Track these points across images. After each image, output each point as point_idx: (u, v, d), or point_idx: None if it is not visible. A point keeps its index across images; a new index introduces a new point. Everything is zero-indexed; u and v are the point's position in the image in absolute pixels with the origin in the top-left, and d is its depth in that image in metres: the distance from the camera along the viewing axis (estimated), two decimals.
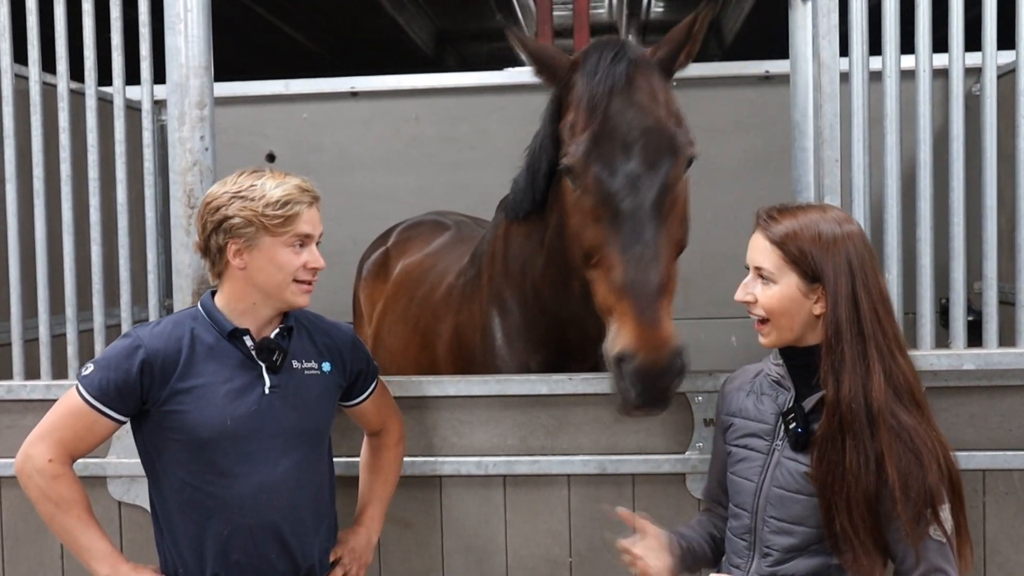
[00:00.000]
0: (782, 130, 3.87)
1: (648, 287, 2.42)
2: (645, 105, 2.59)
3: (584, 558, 3.04)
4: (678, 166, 2.58)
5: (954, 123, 2.95)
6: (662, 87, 2.70)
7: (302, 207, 2.41)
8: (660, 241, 2.49)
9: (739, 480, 2.35)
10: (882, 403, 2.11)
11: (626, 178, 2.51)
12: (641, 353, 2.38)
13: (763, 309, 2.24)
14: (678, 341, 2.42)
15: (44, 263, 3.26)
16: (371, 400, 2.75)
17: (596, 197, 2.56)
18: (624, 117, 2.56)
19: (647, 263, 2.44)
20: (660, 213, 2.51)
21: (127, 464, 3.08)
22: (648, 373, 2.39)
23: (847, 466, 2.10)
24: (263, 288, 2.45)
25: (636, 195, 2.49)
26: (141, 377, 2.39)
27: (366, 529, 2.72)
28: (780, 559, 2.24)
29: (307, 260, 2.45)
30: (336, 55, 13.00)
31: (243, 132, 5.75)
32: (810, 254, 2.17)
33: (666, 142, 2.57)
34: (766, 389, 2.35)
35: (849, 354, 2.13)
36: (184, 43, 3.00)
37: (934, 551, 2.09)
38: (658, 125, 2.58)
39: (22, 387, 3.17)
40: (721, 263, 5.60)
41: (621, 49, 2.66)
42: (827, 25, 2.88)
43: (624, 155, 2.53)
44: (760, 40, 10.54)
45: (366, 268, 4.87)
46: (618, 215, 2.50)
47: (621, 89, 2.59)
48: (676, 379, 2.42)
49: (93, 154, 3.22)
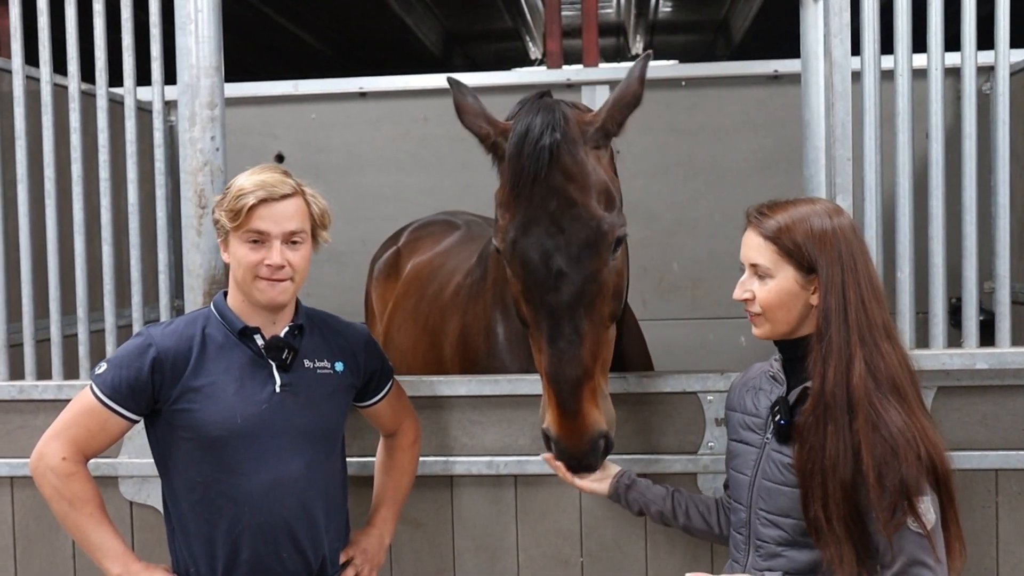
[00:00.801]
0: (791, 130, 3.86)
1: (568, 381, 2.42)
2: (569, 195, 2.45)
3: (595, 558, 3.03)
4: (602, 254, 2.48)
5: (966, 122, 2.95)
6: (594, 162, 2.55)
7: (251, 200, 2.37)
8: (583, 332, 2.45)
9: (736, 475, 2.39)
10: (861, 392, 2.12)
11: (548, 271, 2.44)
12: (562, 441, 2.45)
13: (760, 305, 2.25)
14: (600, 428, 2.45)
15: (55, 263, 3.27)
16: (386, 401, 2.75)
17: (523, 284, 2.53)
18: (546, 207, 2.45)
19: (568, 359, 2.43)
20: (583, 304, 2.46)
21: (139, 464, 3.09)
22: (569, 455, 2.47)
23: (826, 453, 2.12)
24: (237, 284, 2.48)
25: (558, 292, 2.44)
26: (152, 375, 2.40)
27: (379, 530, 2.72)
28: (771, 552, 2.27)
29: (263, 257, 2.41)
30: (344, 56, 13.03)
31: (252, 133, 5.77)
32: (804, 246, 2.19)
33: (591, 232, 2.45)
34: (763, 384, 2.39)
35: (836, 342, 2.15)
36: (195, 44, 3.00)
37: (913, 543, 2.08)
38: (582, 215, 2.45)
39: (34, 387, 3.18)
40: (730, 263, 5.54)
41: (549, 124, 2.47)
42: (839, 24, 2.88)
43: (546, 248, 2.44)
44: (769, 39, 10.54)
45: (378, 267, 4.88)
46: (542, 306, 2.48)
47: (545, 174, 2.44)
48: (600, 457, 2.50)
49: (104, 155, 3.23)
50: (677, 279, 5.82)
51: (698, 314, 5.81)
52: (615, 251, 2.53)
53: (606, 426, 2.47)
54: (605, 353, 2.55)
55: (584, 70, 6.36)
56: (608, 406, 2.51)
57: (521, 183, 2.46)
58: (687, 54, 14.80)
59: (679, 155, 5.70)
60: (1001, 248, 2.96)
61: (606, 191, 2.52)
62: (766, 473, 2.28)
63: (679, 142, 5.68)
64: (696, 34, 14.06)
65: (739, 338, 5.73)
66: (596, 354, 2.48)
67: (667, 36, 14.32)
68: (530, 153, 2.45)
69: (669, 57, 15.05)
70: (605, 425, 2.47)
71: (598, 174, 2.53)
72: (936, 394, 2.91)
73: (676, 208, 5.73)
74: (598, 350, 2.50)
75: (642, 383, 2.99)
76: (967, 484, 2.90)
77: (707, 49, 14.51)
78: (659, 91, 5.71)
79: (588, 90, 5.58)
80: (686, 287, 5.82)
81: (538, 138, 2.45)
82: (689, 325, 5.83)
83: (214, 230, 2.54)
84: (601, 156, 2.61)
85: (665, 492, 2.61)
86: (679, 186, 5.72)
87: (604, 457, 2.53)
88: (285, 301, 2.47)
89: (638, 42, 14.47)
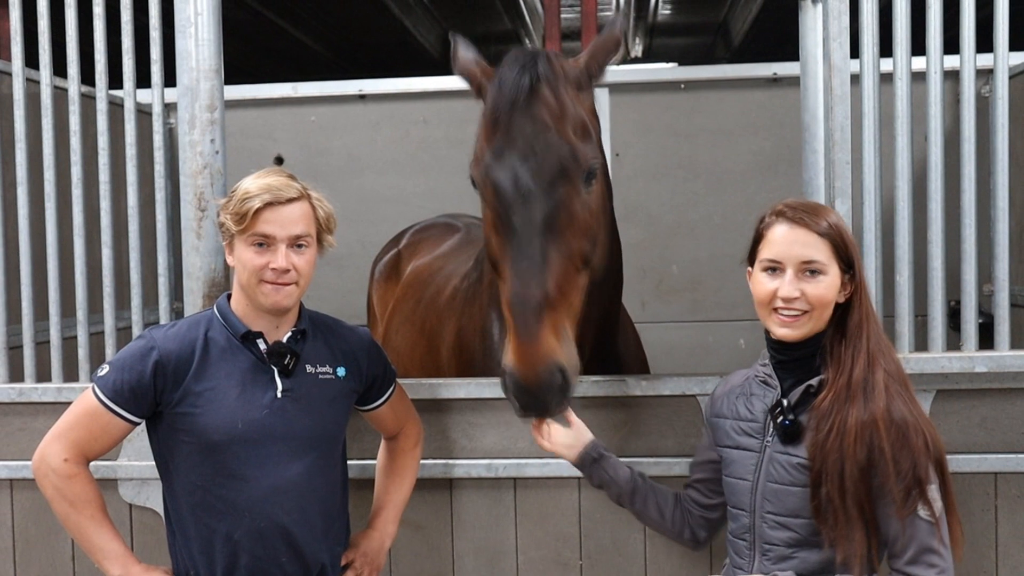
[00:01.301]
0: (791, 132, 3.87)
1: (529, 303, 2.40)
2: (544, 120, 2.55)
3: (594, 560, 3.03)
4: (573, 180, 2.54)
5: (965, 125, 2.95)
6: (572, 98, 2.64)
7: (256, 204, 2.37)
8: (549, 256, 2.46)
9: (734, 481, 2.39)
10: (885, 382, 2.21)
11: (518, 193, 2.49)
12: (517, 369, 2.38)
13: (811, 302, 2.26)
14: (556, 357, 2.39)
15: (55, 266, 3.27)
16: (388, 405, 2.74)
17: (493, 211, 2.57)
18: (522, 132, 2.53)
19: (530, 279, 2.43)
20: (552, 229, 2.48)
21: (138, 467, 3.09)
22: (522, 388, 2.38)
23: (846, 433, 2.17)
24: (242, 287, 2.47)
25: (526, 211, 2.48)
26: (155, 379, 2.40)
27: (379, 533, 2.71)
28: (781, 554, 2.27)
29: (269, 260, 2.41)
30: (344, 58, 13.02)
31: (251, 135, 5.77)
32: (850, 245, 2.29)
33: (562, 157, 2.52)
34: (755, 390, 2.41)
35: (873, 334, 2.26)
36: (195, 47, 3.01)
37: (924, 531, 2.15)
38: (556, 139, 2.53)
39: (33, 390, 3.18)
40: (730, 265, 5.58)
41: (532, 61, 2.62)
42: (838, 27, 2.88)
43: (518, 170, 2.51)
44: (768, 42, 10.55)
45: (378, 270, 4.88)
46: (511, 229, 2.50)
47: (523, 103, 2.55)
48: (556, 394, 2.40)
49: (104, 157, 3.23)
50: (676, 281, 5.82)
51: (698, 316, 5.81)
52: (588, 183, 2.58)
53: (564, 360, 2.41)
54: (573, 297, 2.53)
55: None
56: (571, 351, 2.46)
57: (500, 110, 2.57)
58: (686, 57, 14.80)
59: (679, 157, 5.70)
60: (1000, 251, 2.96)
61: (583, 124, 2.61)
62: (771, 475, 2.29)
63: (679, 145, 5.69)
64: (695, 37, 14.06)
65: (738, 340, 5.74)
66: (562, 289, 2.47)
67: (666, 38, 14.32)
68: (511, 83, 2.57)
69: (668, 60, 15.07)
70: (563, 359, 2.41)
71: (576, 109, 2.62)
72: (935, 397, 2.91)
73: (676, 210, 5.73)
74: (565, 286, 2.49)
75: (641, 386, 2.99)
76: (966, 487, 2.90)
77: (707, 52, 14.51)
78: (659, 94, 5.72)
79: None
80: (685, 289, 5.83)
81: (520, 71, 2.58)
82: (689, 327, 5.83)
83: (214, 233, 2.55)
84: (582, 98, 2.70)
85: (629, 475, 2.62)
86: (679, 188, 5.73)
87: (562, 399, 2.43)
88: (289, 305, 2.47)
89: (637, 44, 14.48)
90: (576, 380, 2.48)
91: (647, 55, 15.20)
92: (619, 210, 5.56)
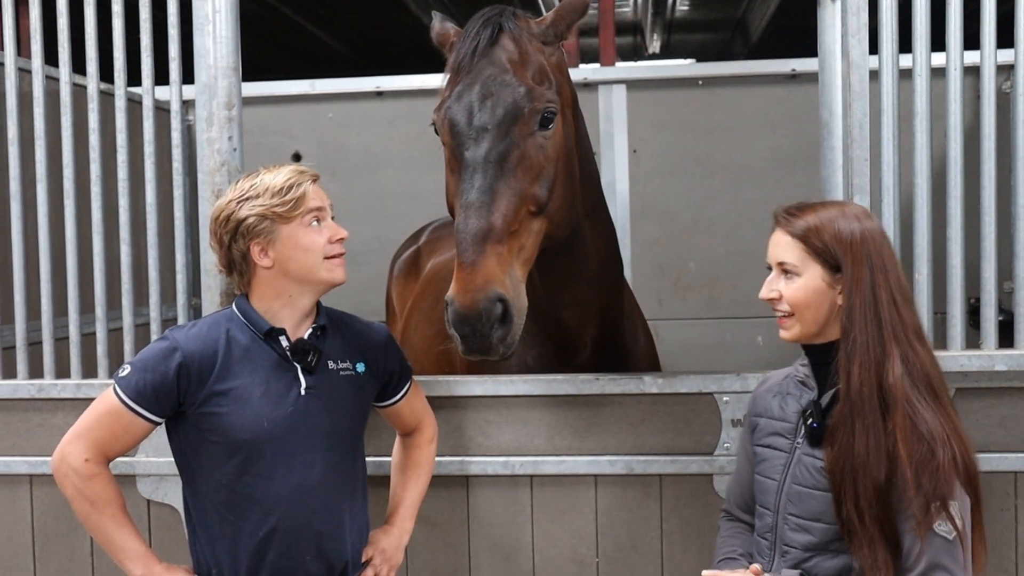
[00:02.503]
0: (809, 129, 3.85)
1: (472, 232, 2.46)
2: (502, 63, 2.67)
3: (611, 559, 3.03)
4: (527, 119, 2.63)
5: (986, 121, 2.92)
6: (533, 49, 2.75)
7: (305, 185, 2.44)
8: (496, 190, 2.53)
9: (763, 479, 2.37)
10: (899, 390, 2.12)
11: (471, 129, 2.61)
12: (456, 298, 2.42)
13: (788, 303, 2.25)
14: (496, 287, 2.42)
15: (74, 263, 3.28)
16: (405, 401, 2.74)
17: (449, 149, 2.70)
18: (480, 75, 2.66)
19: (475, 210, 2.50)
20: (501, 164, 2.57)
21: (156, 463, 3.10)
22: (460, 317, 2.41)
23: (855, 451, 2.12)
24: (297, 275, 2.46)
25: (477, 146, 2.58)
26: (178, 380, 2.40)
27: (397, 530, 2.70)
28: (799, 557, 2.24)
29: (329, 234, 2.46)
30: (361, 55, 13.05)
31: (269, 132, 5.78)
32: (831, 246, 2.21)
33: (517, 96, 2.62)
34: (791, 389, 2.37)
35: (861, 339, 2.16)
36: (212, 44, 3.02)
37: (940, 547, 2.08)
38: (511, 79, 2.64)
39: (52, 386, 3.19)
40: (747, 263, 5.57)
41: (496, 15, 2.74)
42: (857, 23, 2.86)
43: (473, 108, 2.62)
44: (787, 38, 10.51)
45: (398, 266, 4.89)
46: (463, 165, 2.60)
47: (484, 50, 2.69)
48: (496, 327, 2.42)
49: (122, 154, 3.24)
50: (694, 278, 5.81)
51: (715, 314, 5.79)
52: (544, 126, 2.66)
53: (505, 291, 2.43)
54: (523, 237, 2.59)
55: (601, 69, 6.35)
56: (518, 288, 2.50)
57: (463, 56, 2.69)
58: (704, 53, 14.77)
59: (696, 154, 5.68)
60: (1020, 248, 2.94)
61: (542, 70, 2.72)
62: (796, 477, 2.26)
63: (696, 141, 5.67)
64: (713, 33, 14.03)
65: (756, 338, 5.72)
66: (509, 225, 2.52)
67: (684, 35, 14.29)
68: (475, 32, 2.71)
69: (686, 56, 15.02)
70: (504, 290, 2.43)
71: (537, 57, 2.74)
72: (954, 396, 2.89)
73: (693, 207, 5.71)
74: (513, 223, 2.54)
75: (658, 383, 2.98)
76: (986, 487, 2.85)
77: (724, 48, 14.47)
78: (676, 90, 5.70)
79: (605, 89, 5.57)
80: (703, 286, 5.81)
81: (484, 24, 2.72)
82: (706, 325, 5.81)
83: None
84: (548, 53, 2.80)
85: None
86: (696, 185, 5.71)
87: (503, 332, 2.43)
88: (346, 276, 2.52)
89: (655, 41, 14.44)
90: (521, 318, 2.49)
91: (665, 51, 15.17)
92: (636, 207, 5.62)
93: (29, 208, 3.38)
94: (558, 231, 2.76)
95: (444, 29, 2.97)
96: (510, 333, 2.46)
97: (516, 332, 2.48)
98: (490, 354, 2.48)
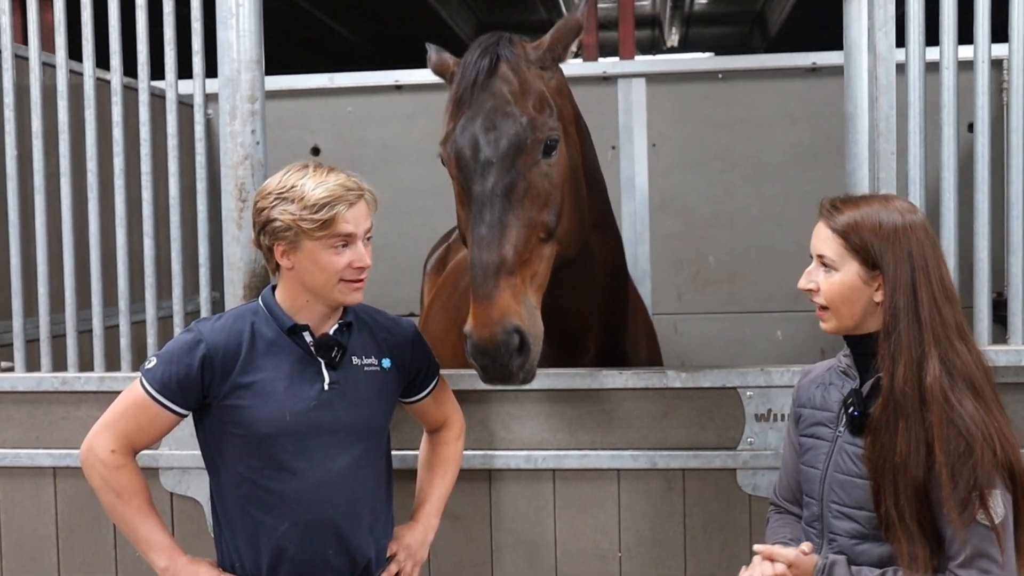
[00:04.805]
0: (829, 123, 3.83)
1: (485, 267, 2.51)
2: (502, 93, 2.68)
3: (633, 553, 3.03)
4: (530, 150, 2.65)
5: (1014, 114, 2.90)
6: (532, 76, 2.76)
7: (341, 208, 2.36)
8: (506, 223, 2.57)
9: (807, 469, 2.38)
10: (936, 388, 2.12)
11: (477, 163, 2.63)
12: (474, 332, 2.48)
13: (824, 298, 2.26)
14: (512, 319, 2.47)
15: (97, 256, 3.30)
16: (432, 397, 2.73)
17: (458, 183, 2.74)
18: (482, 108, 2.67)
19: (487, 244, 2.54)
20: (509, 197, 2.60)
21: (179, 456, 3.11)
22: (479, 349, 2.47)
23: (897, 451, 2.12)
24: (311, 288, 2.44)
25: (484, 181, 2.61)
26: (202, 372, 2.40)
27: (422, 525, 2.69)
28: (845, 545, 2.25)
29: (351, 260, 2.40)
30: (380, 49, 13.06)
31: (288, 126, 5.78)
32: (871, 243, 2.20)
33: (520, 128, 2.64)
34: (834, 379, 2.39)
35: (905, 340, 2.16)
36: (236, 38, 3.02)
37: (981, 536, 2.09)
38: (512, 110, 2.66)
39: (76, 379, 3.21)
40: (767, 257, 5.56)
41: (494, 44, 2.75)
42: (883, 16, 2.84)
43: (477, 141, 2.65)
44: (806, 31, 10.45)
45: (430, 264, 4.94)
46: (472, 200, 2.64)
47: (483, 81, 2.70)
48: (515, 356, 2.48)
49: (145, 148, 3.25)
50: (713, 273, 5.78)
51: (735, 308, 5.77)
52: (548, 155, 2.69)
53: (522, 323, 2.48)
54: (536, 265, 2.64)
55: (620, 63, 6.32)
56: (533, 316, 2.55)
57: (463, 89, 2.72)
58: (723, 46, 14.71)
59: (716, 148, 5.66)
60: None
61: (542, 98, 2.74)
62: (838, 466, 2.27)
63: (716, 135, 5.64)
64: (732, 26, 13.97)
65: (776, 332, 5.70)
66: (520, 255, 2.57)
67: (703, 28, 14.23)
68: (474, 63, 2.72)
69: (705, 49, 14.96)
70: (520, 321, 2.48)
71: (537, 84, 2.76)
72: None
73: (712, 201, 5.69)
74: (524, 253, 2.59)
75: (681, 378, 2.98)
76: None
77: (743, 41, 14.40)
78: (695, 83, 5.67)
79: (624, 83, 5.55)
80: (722, 281, 5.78)
81: (481, 53, 2.74)
82: (725, 319, 5.79)
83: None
84: (547, 77, 2.82)
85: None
86: (716, 179, 5.68)
87: (521, 360, 2.49)
88: (362, 298, 2.50)
89: (674, 34, 14.40)
90: (538, 345, 2.54)
91: (683, 45, 15.12)
92: (655, 201, 5.59)
93: (52, 201, 3.40)
94: (569, 250, 2.81)
95: (442, 59, 2.99)
96: (528, 360, 2.53)
97: (534, 359, 2.55)
98: (511, 382, 2.56)
